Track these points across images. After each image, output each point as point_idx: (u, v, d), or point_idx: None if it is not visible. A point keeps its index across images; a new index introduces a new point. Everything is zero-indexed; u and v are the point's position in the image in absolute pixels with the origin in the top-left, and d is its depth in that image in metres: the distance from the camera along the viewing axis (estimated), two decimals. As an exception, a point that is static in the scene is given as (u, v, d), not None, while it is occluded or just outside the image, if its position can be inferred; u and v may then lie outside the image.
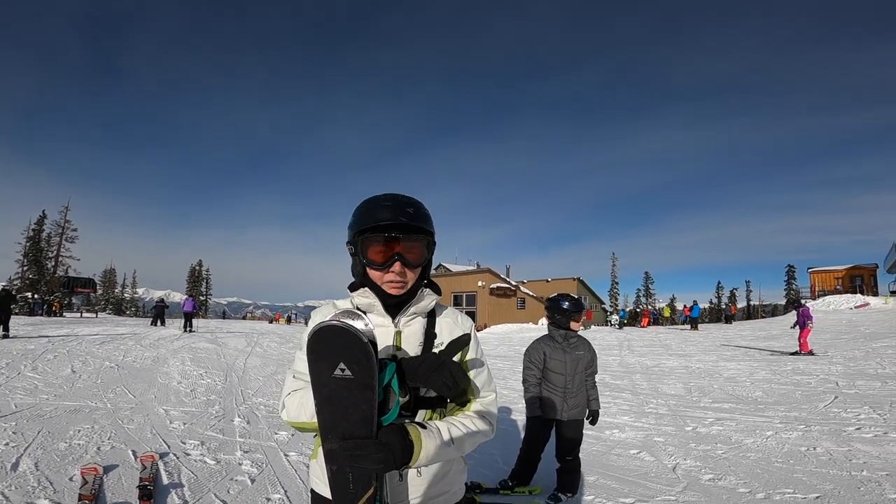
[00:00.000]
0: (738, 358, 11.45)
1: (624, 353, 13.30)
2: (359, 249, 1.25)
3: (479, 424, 1.25)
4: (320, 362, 1.03)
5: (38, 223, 42.70)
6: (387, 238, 1.21)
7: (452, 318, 1.38)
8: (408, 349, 1.28)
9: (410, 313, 1.29)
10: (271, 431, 4.99)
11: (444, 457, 1.16)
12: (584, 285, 42.65)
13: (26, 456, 3.82)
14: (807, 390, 7.29)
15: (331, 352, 1.02)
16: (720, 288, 65.32)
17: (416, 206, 1.26)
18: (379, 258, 1.22)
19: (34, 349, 9.98)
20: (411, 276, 1.26)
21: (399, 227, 1.21)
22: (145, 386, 7.01)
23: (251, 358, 10.87)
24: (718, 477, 3.91)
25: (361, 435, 1.03)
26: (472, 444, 1.23)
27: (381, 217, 1.21)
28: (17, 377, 6.98)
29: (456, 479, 1.34)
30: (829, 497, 3.43)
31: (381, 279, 1.24)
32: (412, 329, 1.30)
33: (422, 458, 1.09)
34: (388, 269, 1.22)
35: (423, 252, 1.26)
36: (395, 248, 1.22)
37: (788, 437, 4.91)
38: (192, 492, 3.39)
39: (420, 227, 1.23)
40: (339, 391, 1.03)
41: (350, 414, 1.03)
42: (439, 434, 1.15)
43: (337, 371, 1.01)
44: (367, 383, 1.02)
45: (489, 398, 1.33)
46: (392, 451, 1.03)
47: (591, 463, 4.25)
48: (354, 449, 1.02)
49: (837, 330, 17.30)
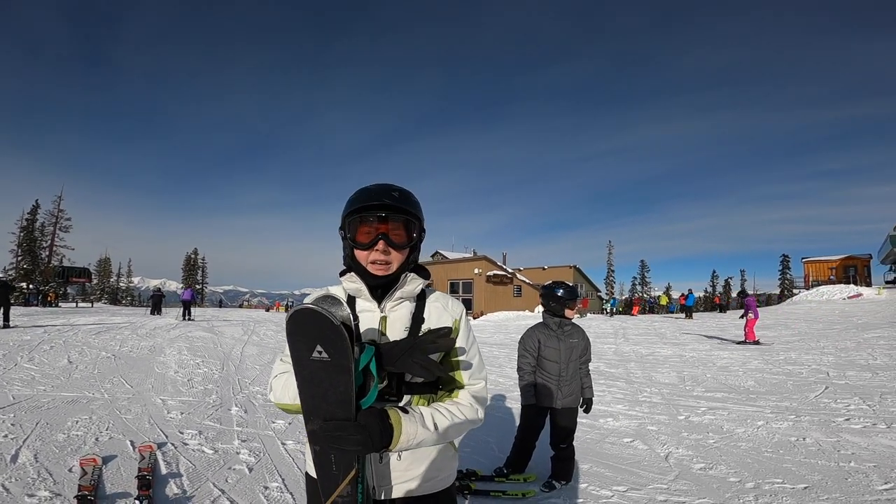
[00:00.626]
0: (732, 347, 11.57)
1: (619, 342, 13.41)
2: (347, 232, 1.30)
3: (465, 412, 1.26)
4: (299, 344, 1.06)
5: (31, 213, 42.33)
6: (372, 219, 1.27)
7: (442, 303, 1.38)
8: (392, 334, 1.29)
9: (396, 298, 1.30)
10: (268, 420, 5.03)
11: (427, 443, 1.17)
12: (580, 273, 42.78)
13: (25, 448, 3.84)
14: (798, 380, 7.38)
15: (307, 334, 1.05)
16: (715, 277, 65.73)
17: (402, 191, 1.31)
18: (364, 238, 1.27)
19: (30, 340, 9.97)
20: (396, 258, 1.28)
21: (384, 207, 1.26)
22: (142, 376, 7.03)
23: (248, 346, 10.90)
24: (709, 466, 3.97)
25: (341, 417, 1.06)
26: (456, 431, 1.24)
27: (368, 199, 1.27)
28: (13, 368, 6.99)
29: (443, 465, 1.34)
30: (816, 487, 3.50)
31: (366, 259, 1.27)
32: (398, 314, 1.32)
33: (401, 443, 1.11)
34: (372, 248, 1.25)
35: (408, 234, 1.30)
36: (379, 229, 1.26)
37: (779, 427, 4.99)
38: (191, 481, 3.43)
39: (404, 208, 1.27)
40: (317, 373, 1.06)
41: (329, 396, 1.06)
42: (421, 419, 1.16)
43: (315, 353, 1.05)
44: (344, 366, 1.05)
45: (478, 386, 1.34)
46: (370, 434, 1.05)
47: (585, 451, 4.31)
48: (334, 430, 1.04)
49: (830, 320, 17.47)
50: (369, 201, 1.26)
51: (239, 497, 3.22)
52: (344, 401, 1.06)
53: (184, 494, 3.22)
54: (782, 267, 55.49)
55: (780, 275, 55.51)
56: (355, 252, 1.29)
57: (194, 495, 3.21)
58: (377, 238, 1.25)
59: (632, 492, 3.50)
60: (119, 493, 3.18)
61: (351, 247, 1.30)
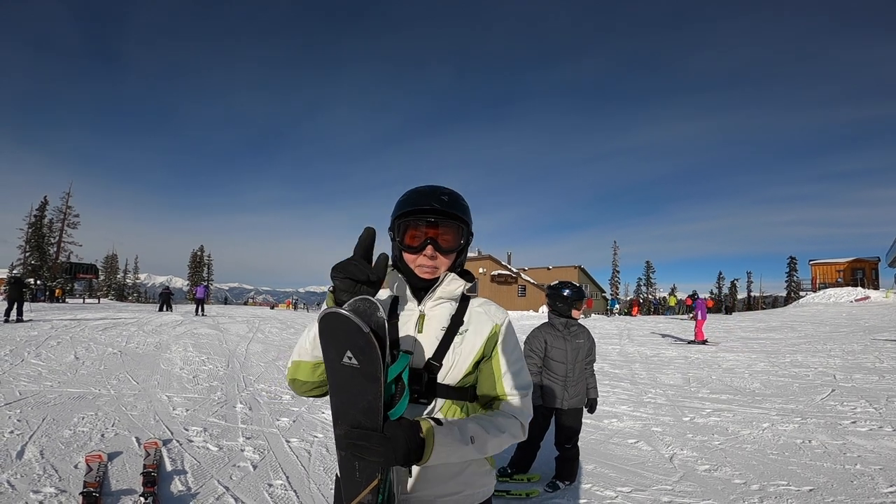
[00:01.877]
0: (738, 349, 11.50)
1: (624, 343, 13.36)
2: (396, 234, 1.29)
3: (505, 424, 1.21)
4: (330, 348, 1.04)
5: (39, 209, 42.66)
6: (421, 223, 1.26)
7: (485, 308, 1.35)
8: (429, 332, 1.27)
9: (436, 297, 1.29)
10: (273, 418, 5.05)
11: (462, 457, 1.12)
12: (585, 273, 42.69)
13: (31, 444, 3.87)
14: (804, 383, 7.33)
15: (337, 339, 1.02)
16: (721, 278, 65.33)
17: (452, 195, 1.30)
18: (412, 242, 1.26)
19: (37, 336, 10.05)
20: (443, 262, 1.27)
21: (434, 212, 1.25)
22: (148, 372, 7.07)
23: (253, 344, 10.95)
24: (714, 468, 3.95)
25: (368, 426, 1.03)
26: (496, 445, 1.18)
27: (417, 203, 1.26)
28: (20, 364, 7.05)
29: (473, 480, 1.25)
30: (822, 490, 3.48)
31: (413, 263, 1.27)
32: (436, 313, 1.29)
33: (433, 457, 1.05)
34: (420, 252, 1.25)
35: (457, 239, 1.28)
36: (428, 233, 1.25)
37: (784, 430, 4.95)
38: (196, 478, 3.45)
39: (454, 213, 1.26)
40: (347, 378, 1.03)
41: (357, 403, 1.03)
42: (459, 433, 1.11)
43: (345, 359, 1.02)
44: (373, 374, 1.01)
45: (521, 398, 1.27)
46: (394, 447, 1.01)
47: (589, 451, 4.30)
48: (358, 439, 1.02)
49: (837, 323, 17.33)
50: (419, 205, 1.25)
51: (243, 494, 3.23)
52: (371, 409, 1.03)
53: (188, 491, 3.24)
54: (789, 269, 55.11)
55: (787, 277, 55.13)
56: (404, 254, 1.29)
57: (199, 492, 3.23)
58: (425, 242, 1.24)
59: (636, 493, 3.48)
60: (124, 489, 3.20)
61: (399, 249, 1.30)
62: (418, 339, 1.25)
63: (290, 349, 10.64)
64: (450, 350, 1.25)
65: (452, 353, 1.25)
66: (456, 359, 1.24)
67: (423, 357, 1.24)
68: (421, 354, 1.24)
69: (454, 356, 1.24)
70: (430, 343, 1.25)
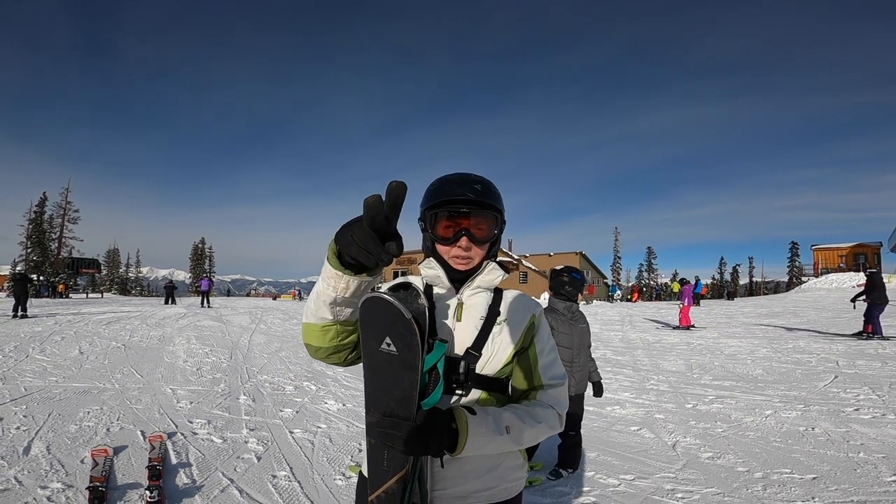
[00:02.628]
0: (740, 335, 11.50)
1: (626, 329, 13.37)
2: (428, 225, 1.26)
3: (542, 415, 1.19)
4: (368, 333, 1.02)
5: (39, 205, 42.61)
6: (454, 213, 1.22)
7: (520, 298, 1.34)
8: (468, 321, 1.25)
9: (475, 286, 1.27)
10: (276, 409, 5.07)
11: (498, 448, 1.10)
12: (586, 259, 42.69)
13: (38, 439, 3.89)
14: (807, 369, 7.33)
15: (377, 324, 1.00)
16: (723, 264, 65.25)
17: (484, 183, 1.26)
18: (446, 233, 1.23)
19: (41, 331, 10.10)
20: (478, 253, 1.25)
21: (467, 202, 1.21)
22: (152, 365, 7.10)
23: (255, 335, 10.98)
24: (717, 455, 3.96)
25: (401, 414, 1.01)
26: (532, 436, 1.16)
27: (450, 193, 1.22)
28: (25, 360, 7.08)
29: (507, 474, 1.23)
30: (825, 478, 3.48)
31: (448, 254, 1.25)
32: (475, 301, 1.27)
33: (468, 448, 1.04)
34: (454, 244, 1.22)
35: (491, 229, 1.25)
36: (462, 224, 1.22)
37: (787, 417, 4.96)
38: (200, 471, 3.47)
39: (487, 203, 1.23)
40: (383, 365, 1.02)
41: (392, 391, 1.02)
42: (494, 423, 1.09)
43: (383, 345, 1.00)
44: (411, 362, 1.00)
45: (558, 388, 1.26)
46: (426, 437, 0.99)
47: (592, 439, 4.31)
48: (390, 427, 1.00)
49: (839, 308, 17.33)
50: (451, 195, 1.22)
51: (247, 486, 3.25)
52: (405, 398, 1.01)
53: (193, 484, 3.26)
54: (791, 254, 54.96)
55: (789, 262, 55.01)
56: (437, 245, 1.26)
57: (203, 485, 3.25)
58: (459, 233, 1.21)
59: (639, 480, 3.50)
60: (130, 483, 3.22)
61: (432, 240, 1.27)
62: (457, 327, 1.23)
63: (292, 339, 10.64)
64: (489, 340, 1.22)
65: (492, 342, 1.22)
66: (496, 349, 1.22)
67: (462, 346, 1.22)
68: (459, 344, 1.22)
69: (493, 346, 1.22)
70: (468, 332, 1.23)
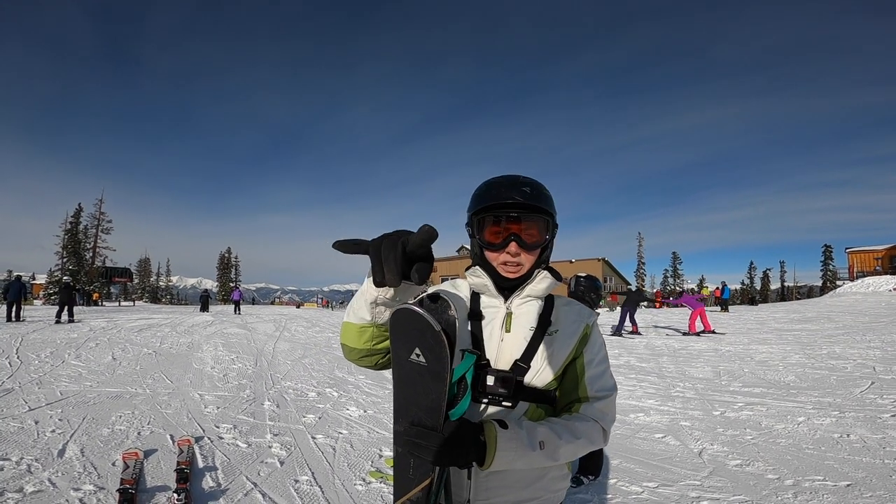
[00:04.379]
0: (771, 341, 11.15)
1: (650, 336, 13.11)
2: (475, 231, 1.20)
3: (582, 430, 1.11)
4: (398, 344, 1.03)
5: (74, 216, 44.42)
6: (502, 218, 1.17)
7: (572, 308, 1.27)
8: (517, 332, 1.19)
9: (525, 295, 1.21)
10: (299, 414, 5.15)
11: (530, 463, 1.04)
12: (609, 266, 42.04)
13: (72, 442, 4.04)
14: (842, 375, 7.06)
15: (407, 335, 1.00)
16: (752, 268, 63.42)
17: (534, 185, 1.19)
18: (494, 239, 1.17)
19: (77, 338, 10.49)
20: (528, 259, 1.18)
21: (515, 206, 1.15)
22: (181, 371, 7.30)
23: (280, 342, 11.17)
24: (746, 462, 3.85)
25: (428, 424, 1.01)
26: (570, 452, 1.09)
27: (497, 196, 1.16)
28: (61, 365, 7.37)
29: (551, 485, 1.18)
30: (860, 485, 3.35)
31: (496, 261, 1.19)
32: (524, 311, 1.22)
33: (496, 463, 1.00)
34: (503, 250, 1.16)
35: (541, 233, 1.19)
36: (511, 229, 1.16)
37: (821, 424, 4.78)
38: (225, 474, 3.55)
39: (537, 206, 1.16)
40: (413, 375, 1.02)
41: (420, 401, 1.02)
42: (527, 437, 1.03)
43: (413, 356, 1.00)
44: (439, 373, 0.99)
45: (604, 401, 1.18)
46: (453, 449, 0.97)
47: (614, 446, 4.24)
48: (416, 437, 0.99)
49: (876, 312, 16.63)
50: (499, 199, 1.15)
51: (270, 490, 3.31)
52: (434, 408, 1.01)
53: (219, 487, 3.33)
54: (824, 258, 53.10)
55: (823, 266, 53.14)
56: (485, 252, 1.20)
57: (228, 488, 3.32)
58: (508, 239, 1.15)
59: (662, 488, 3.42)
60: (159, 486, 3.32)
61: (480, 246, 1.21)
62: (505, 339, 1.19)
63: (315, 347, 10.77)
64: (539, 351, 1.17)
65: (542, 354, 1.17)
66: (546, 361, 1.17)
67: (510, 358, 1.17)
68: (508, 355, 1.18)
69: (544, 358, 1.17)
70: (517, 344, 1.18)
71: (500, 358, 1.18)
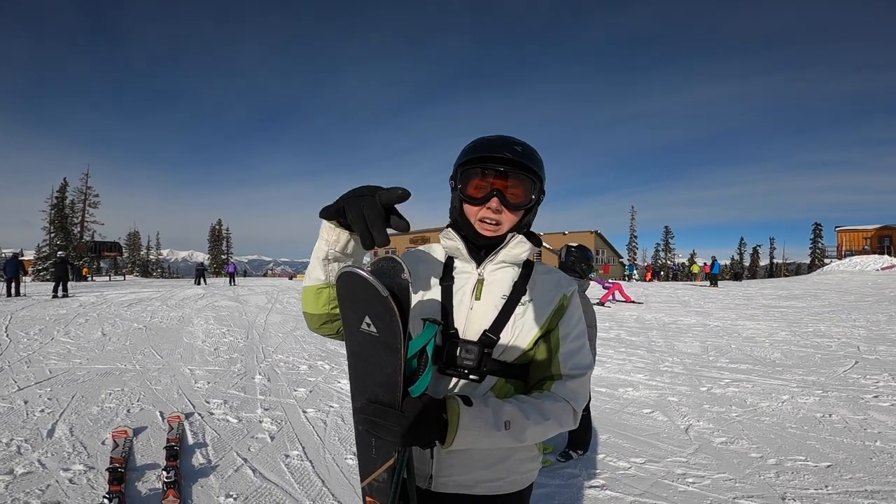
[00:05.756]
0: (759, 317, 11.31)
1: (641, 310, 13.25)
2: (458, 182, 1.16)
3: (552, 410, 1.06)
4: (347, 311, 0.96)
5: (60, 191, 43.57)
6: (489, 172, 1.13)
7: (550, 276, 1.22)
8: (487, 300, 1.15)
9: (498, 261, 1.17)
10: (290, 388, 5.17)
11: (495, 444, 1.00)
12: (602, 239, 42.25)
13: (61, 422, 4.01)
14: (826, 353, 7.18)
15: (354, 302, 0.92)
16: (743, 244, 64.02)
17: (525, 146, 1.16)
18: (477, 193, 1.14)
19: (66, 314, 10.40)
20: (508, 219, 1.14)
21: (504, 161, 1.12)
22: (171, 346, 7.28)
23: (271, 315, 11.16)
24: (731, 440, 3.92)
25: (385, 401, 0.94)
26: (537, 433, 1.04)
27: (488, 150, 1.13)
28: (50, 343, 7.31)
29: (518, 466, 1.15)
30: (840, 466, 3.42)
31: (475, 216, 1.15)
32: (497, 277, 1.17)
33: (458, 442, 0.95)
34: (483, 205, 1.13)
35: (526, 194, 1.15)
36: (495, 184, 1.12)
37: (804, 402, 4.88)
38: (216, 450, 3.56)
39: (526, 164, 1.12)
40: (365, 347, 0.94)
41: (375, 375, 0.95)
42: (492, 416, 0.98)
43: (363, 325, 0.92)
44: (391, 344, 0.91)
45: (578, 380, 1.12)
46: (411, 427, 0.91)
47: (603, 421, 4.30)
48: (374, 415, 0.93)
49: (862, 292, 16.89)
50: (488, 152, 1.12)
51: (261, 465, 3.33)
52: (390, 384, 0.93)
53: (209, 464, 3.34)
54: (814, 235, 53.64)
55: (812, 244, 53.72)
56: (464, 206, 1.16)
57: (218, 464, 3.33)
58: (491, 194, 1.11)
59: (650, 464, 3.48)
60: (149, 464, 3.32)
61: (460, 199, 1.16)
62: (475, 307, 1.14)
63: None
64: (510, 322, 1.13)
65: (513, 325, 1.13)
66: (517, 332, 1.12)
67: (479, 328, 1.12)
68: (476, 325, 1.13)
69: (514, 329, 1.12)
70: (487, 313, 1.14)
71: (468, 328, 1.13)
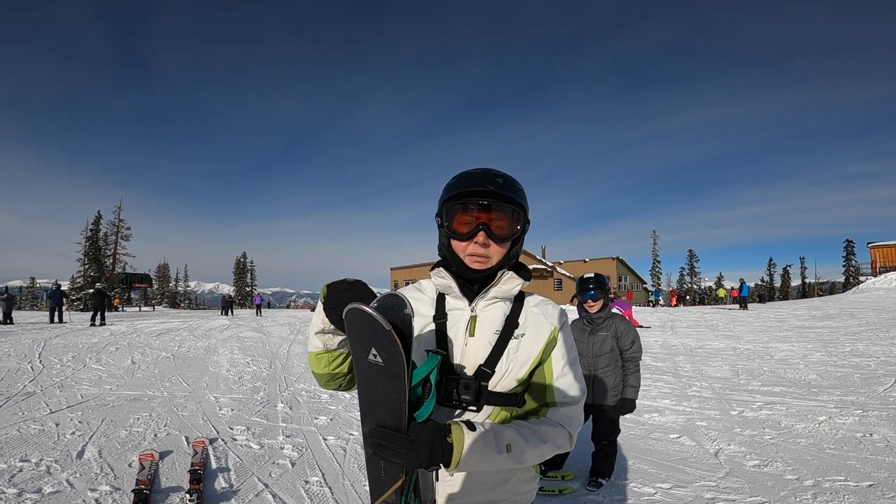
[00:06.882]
0: (792, 339, 10.90)
1: (666, 335, 12.91)
2: (444, 219, 1.18)
3: (549, 434, 1.11)
4: (355, 345, 1.02)
5: (94, 223, 45.35)
6: (473, 206, 1.14)
7: (542, 308, 1.24)
8: (481, 336, 1.17)
9: (490, 297, 1.19)
10: (312, 416, 5.18)
11: (495, 466, 1.05)
12: (623, 265, 41.59)
13: (91, 444, 4.12)
14: (866, 373, 6.87)
15: (362, 335, 0.99)
16: (772, 265, 62.08)
17: (506, 178, 1.18)
18: (463, 228, 1.15)
19: (98, 342, 10.71)
20: (497, 252, 1.16)
21: (486, 194, 1.13)
22: (198, 374, 7.41)
23: (294, 345, 11.26)
24: (764, 463, 3.76)
25: (392, 426, 1.00)
26: (536, 455, 1.09)
27: (468, 185, 1.15)
28: (82, 369, 7.54)
29: (517, 488, 1.19)
30: (882, 485, 3.25)
31: (464, 251, 1.16)
32: (489, 314, 1.19)
33: (462, 464, 1.00)
34: (471, 240, 1.14)
35: (511, 225, 1.16)
36: (480, 219, 1.14)
37: (843, 423, 4.66)
38: (238, 475, 3.58)
39: (508, 196, 1.14)
40: (372, 376, 1.01)
41: (382, 402, 1.01)
42: (493, 440, 1.04)
43: (370, 356, 0.99)
44: (395, 373, 0.98)
45: (572, 406, 1.17)
46: (416, 450, 0.96)
47: (628, 447, 4.19)
48: (381, 438, 0.98)
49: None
50: (469, 187, 1.14)
51: (281, 491, 3.33)
52: (395, 409, 1.00)
53: (231, 488, 3.37)
54: (846, 253, 51.77)
55: (845, 261, 51.82)
56: (452, 242, 1.18)
57: (240, 489, 3.36)
58: (477, 228, 1.13)
59: (677, 489, 3.36)
60: (173, 486, 3.37)
61: (448, 236, 1.18)
62: (469, 343, 1.17)
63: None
64: (503, 356, 1.15)
65: (507, 359, 1.15)
66: (511, 366, 1.15)
67: (474, 364, 1.15)
68: (472, 360, 1.16)
69: (508, 363, 1.15)
70: (481, 348, 1.16)
71: (464, 362, 1.16)
